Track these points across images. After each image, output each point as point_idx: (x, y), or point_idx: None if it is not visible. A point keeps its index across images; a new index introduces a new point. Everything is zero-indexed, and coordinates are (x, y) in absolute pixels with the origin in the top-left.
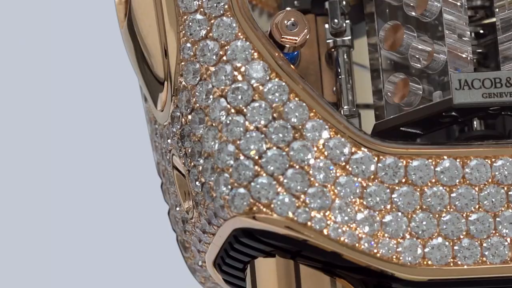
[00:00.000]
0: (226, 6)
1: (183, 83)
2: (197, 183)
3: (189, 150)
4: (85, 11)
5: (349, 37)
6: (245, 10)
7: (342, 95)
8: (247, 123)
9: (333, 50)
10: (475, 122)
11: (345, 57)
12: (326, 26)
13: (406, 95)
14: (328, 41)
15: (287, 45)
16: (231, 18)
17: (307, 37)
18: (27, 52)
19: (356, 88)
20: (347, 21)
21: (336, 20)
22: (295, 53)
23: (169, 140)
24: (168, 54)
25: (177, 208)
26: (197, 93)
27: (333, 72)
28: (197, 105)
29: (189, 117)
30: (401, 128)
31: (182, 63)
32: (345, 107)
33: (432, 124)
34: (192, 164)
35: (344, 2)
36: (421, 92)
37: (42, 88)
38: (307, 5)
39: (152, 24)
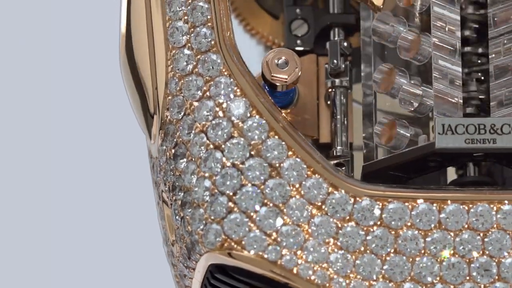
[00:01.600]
0: (212, 42)
1: (169, 117)
2: (177, 217)
3: (171, 184)
4: (92, 24)
5: (347, 78)
6: (231, 46)
7: (336, 135)
8: (224, 159)
9: (331, 90)
10: (471, 168)
11: (342, 98)
12: (326, 66)
13: (393, 138)
14: (326, 81)
15: (278, 83)
16: (217, 54)
17: (298, 76)
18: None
19: (353, 128)
20: (347, 62)
21: (335, 61)
22: (291, 90)
23: (158, 174)
24: (158, 87)
25: (167, 243)
26: (180, 128)
27: (330, 112)
28: (180, 139)
29: (173, 151)
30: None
31: (169, 97)
32: (338, 147)
33: (420, 168)
34: (174, 198)
35: (345, 44)
36: (409, 136)
37: (43, 100)
38: (310, 45)
39: (145, 58)
